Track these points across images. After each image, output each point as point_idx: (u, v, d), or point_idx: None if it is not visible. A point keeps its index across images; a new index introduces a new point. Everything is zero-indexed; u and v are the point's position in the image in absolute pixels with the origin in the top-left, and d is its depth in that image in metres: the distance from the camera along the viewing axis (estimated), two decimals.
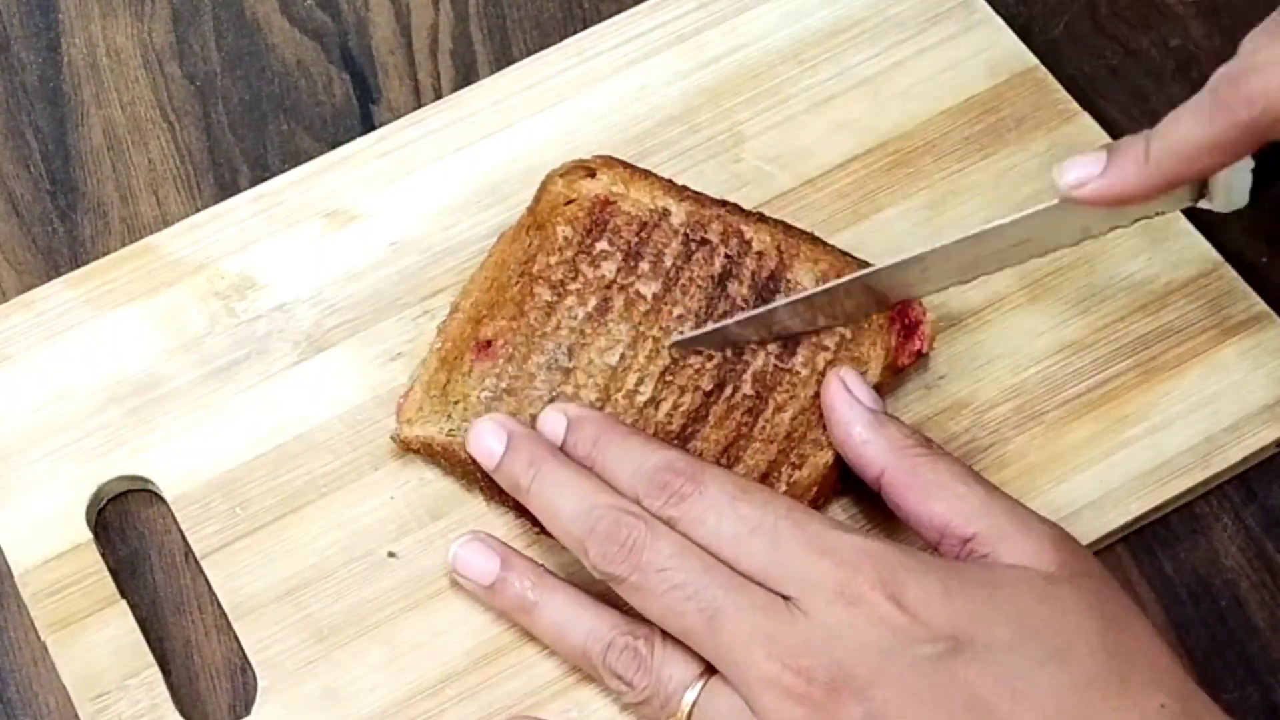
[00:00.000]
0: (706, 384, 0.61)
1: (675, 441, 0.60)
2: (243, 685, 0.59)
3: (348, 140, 0.70)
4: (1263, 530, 0.62)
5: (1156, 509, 0.62)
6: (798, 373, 0.61)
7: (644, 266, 0.63)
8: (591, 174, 0.65)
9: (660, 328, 0.62)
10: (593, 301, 0.62)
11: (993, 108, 0.69)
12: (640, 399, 0.61)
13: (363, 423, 0.63)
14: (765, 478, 0.60)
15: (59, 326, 0.65)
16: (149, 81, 0.73)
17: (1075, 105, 0.69)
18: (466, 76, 0.73)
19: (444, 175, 0.68)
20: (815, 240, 0.64)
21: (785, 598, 0.53)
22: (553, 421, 0.59)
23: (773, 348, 0.62)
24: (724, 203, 0.65)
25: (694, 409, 0.61)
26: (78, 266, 0.67)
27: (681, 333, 0.62)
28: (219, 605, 0.60)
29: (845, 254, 0.63)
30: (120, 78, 0.73)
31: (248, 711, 0.58)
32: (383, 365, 0.64)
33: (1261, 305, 0.65)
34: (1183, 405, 0.63)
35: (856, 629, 0.51)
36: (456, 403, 0.61)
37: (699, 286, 0.63)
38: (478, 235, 0.67)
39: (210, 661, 0.60)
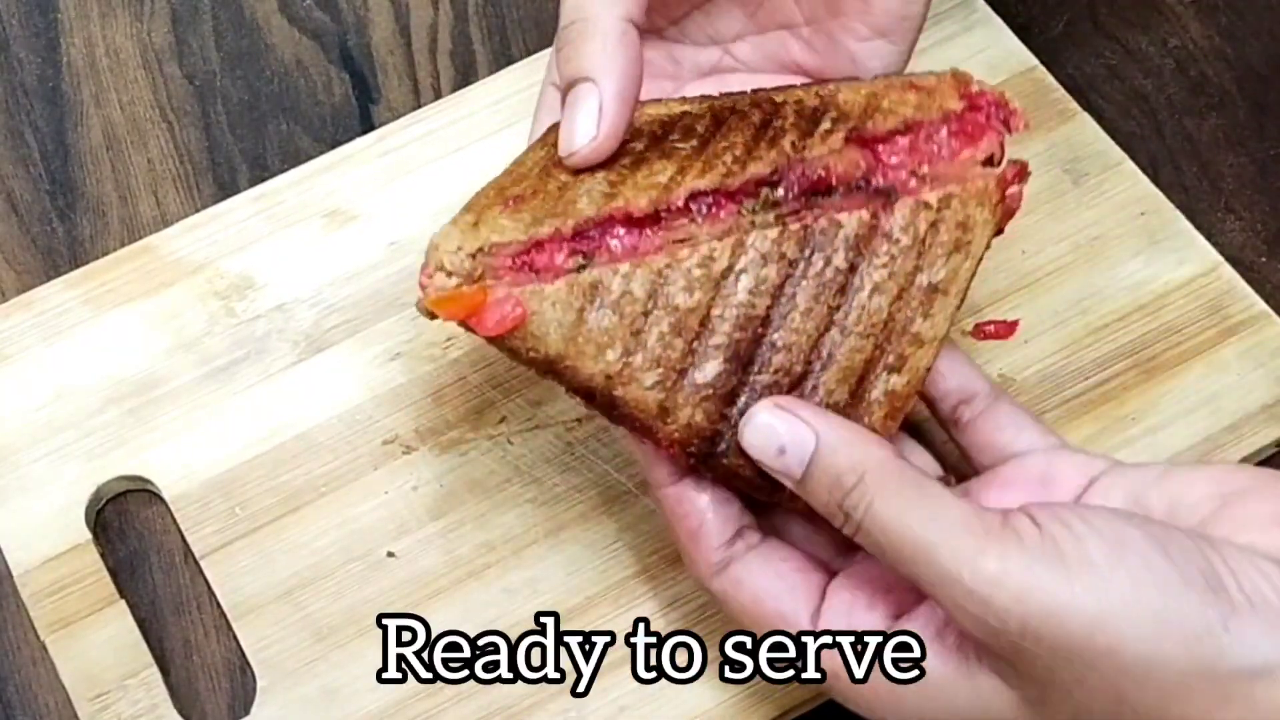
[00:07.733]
0: (791, 250, 0.50)
1: (759, 330, 0.50)
2: (242, 685, 0.59)
3: (347, 140, 0.70)
4: None
5: None
6: (897, 240, 0.50)
7: (673, 137, 0.54)
8: None
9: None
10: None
11: None
12: (717, 267, 0.50)
13: (362, 423, 0.63)
14: (861, 382, 0.51)
15: (59, 326, 0.65)
16: (148, 81, 0.73)
17: (1074, 105, 0.69)
18: (466, 76, 0.73)
19: (444, 175, 0.68)
20: (851, 78, 0.57)
21: None
22: None
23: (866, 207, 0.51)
24: (741, 93, 0.57)
25: (779, 284, 0.50)
26: (77, 266, 0.67)
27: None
28: (218, 605, 0.60)
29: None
30: (120, 78, 0.73)
31: (247, 711, 0.58)
32: (382, 365, 0.64)
33: (1261, 305, 0.65)
34: (1183, 405, 0.63)
35: None
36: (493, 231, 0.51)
37: (740, 133, 0.53)
38: None
39: (210, 661, 0.60)
